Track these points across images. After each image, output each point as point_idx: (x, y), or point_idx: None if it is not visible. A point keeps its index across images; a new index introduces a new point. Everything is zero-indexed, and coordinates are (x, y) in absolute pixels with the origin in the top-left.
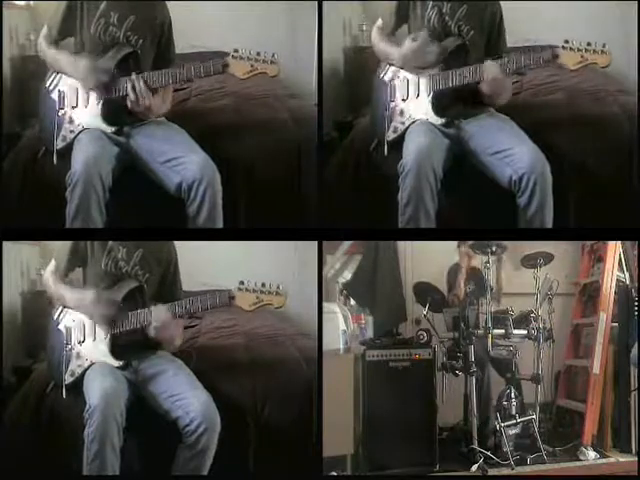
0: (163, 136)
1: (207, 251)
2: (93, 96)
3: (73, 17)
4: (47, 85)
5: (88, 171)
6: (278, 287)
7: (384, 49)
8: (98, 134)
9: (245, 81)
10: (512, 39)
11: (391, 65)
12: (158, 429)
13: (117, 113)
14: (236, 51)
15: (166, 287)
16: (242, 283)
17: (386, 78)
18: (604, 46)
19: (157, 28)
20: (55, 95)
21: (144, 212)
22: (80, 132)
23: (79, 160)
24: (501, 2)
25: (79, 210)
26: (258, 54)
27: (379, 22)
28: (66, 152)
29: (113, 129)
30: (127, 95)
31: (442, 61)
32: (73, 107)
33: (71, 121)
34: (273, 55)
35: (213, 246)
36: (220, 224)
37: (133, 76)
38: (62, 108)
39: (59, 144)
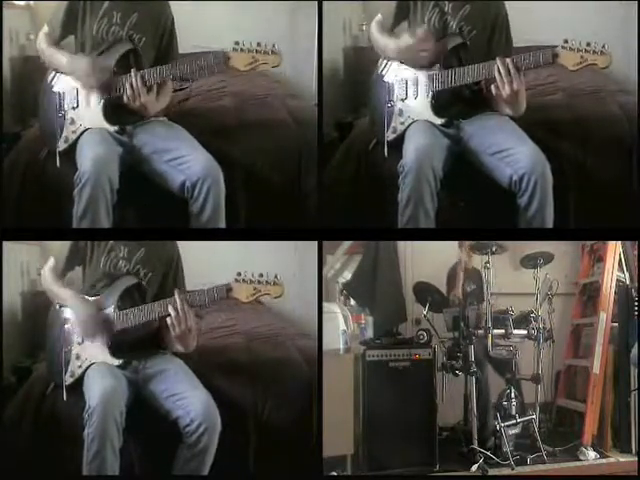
0: (166, 135)
1: (206, 251)
2: (94, 95)
3: (75, 16)
4: (47, 85)
5: (97, 173)
6: (276, 277)
7: (382, 41)
8: (104, 134)
9: (246, 82)
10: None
11: (388, 60)
12: (158, 429)
13: (118, 112)
14: (237, 43)
15: (169, 285)
16: (239, 274)
17: (385, 78)
18: (604, 47)
19: (160, 27)
20: (55, 95)
21: (146, 211)
22: (83, 132)
23: (87, 160)
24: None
25: (87, 211)
26: (259, 45)
27: (378, 16)
28: (69, 152)
29: (116, 128)
30: (125, 91)
31: (441, 60)
32: (74, 107)
33: (73, 122)
34: (274, 45)
35: (212, 246)
36: (223, 222)
37: (132, 72)
38: (63, 108)
39: (61, 145)
